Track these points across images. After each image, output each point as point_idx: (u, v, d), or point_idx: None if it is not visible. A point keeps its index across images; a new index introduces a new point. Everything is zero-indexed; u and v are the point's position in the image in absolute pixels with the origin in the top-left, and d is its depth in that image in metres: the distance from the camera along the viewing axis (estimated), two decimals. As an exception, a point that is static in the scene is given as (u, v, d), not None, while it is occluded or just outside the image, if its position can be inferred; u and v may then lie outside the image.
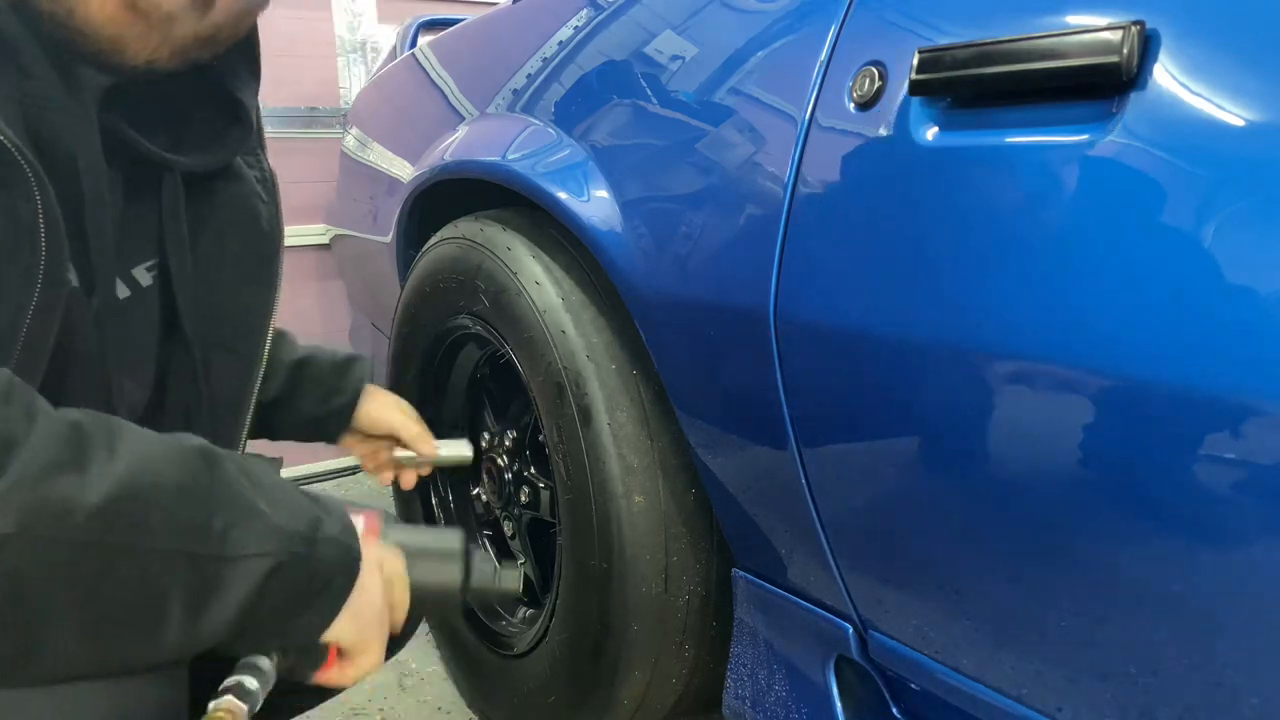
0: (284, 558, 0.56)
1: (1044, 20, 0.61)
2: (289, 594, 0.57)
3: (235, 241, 0.81)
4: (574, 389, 1.01)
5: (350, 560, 0.62)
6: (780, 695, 0.93)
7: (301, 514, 0.59)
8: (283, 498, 0.59)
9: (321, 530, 0.60)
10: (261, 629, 0.57)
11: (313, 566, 0.58)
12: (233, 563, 0.54)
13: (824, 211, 0.74)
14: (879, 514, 0.77)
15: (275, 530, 0.56)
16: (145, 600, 0.51)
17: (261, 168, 0.84)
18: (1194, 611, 0.57)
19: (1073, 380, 0.58)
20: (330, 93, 2.43)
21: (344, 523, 0.63)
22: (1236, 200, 0.52)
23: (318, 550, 0.59)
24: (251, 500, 0.56)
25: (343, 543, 0.61)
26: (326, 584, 0.60)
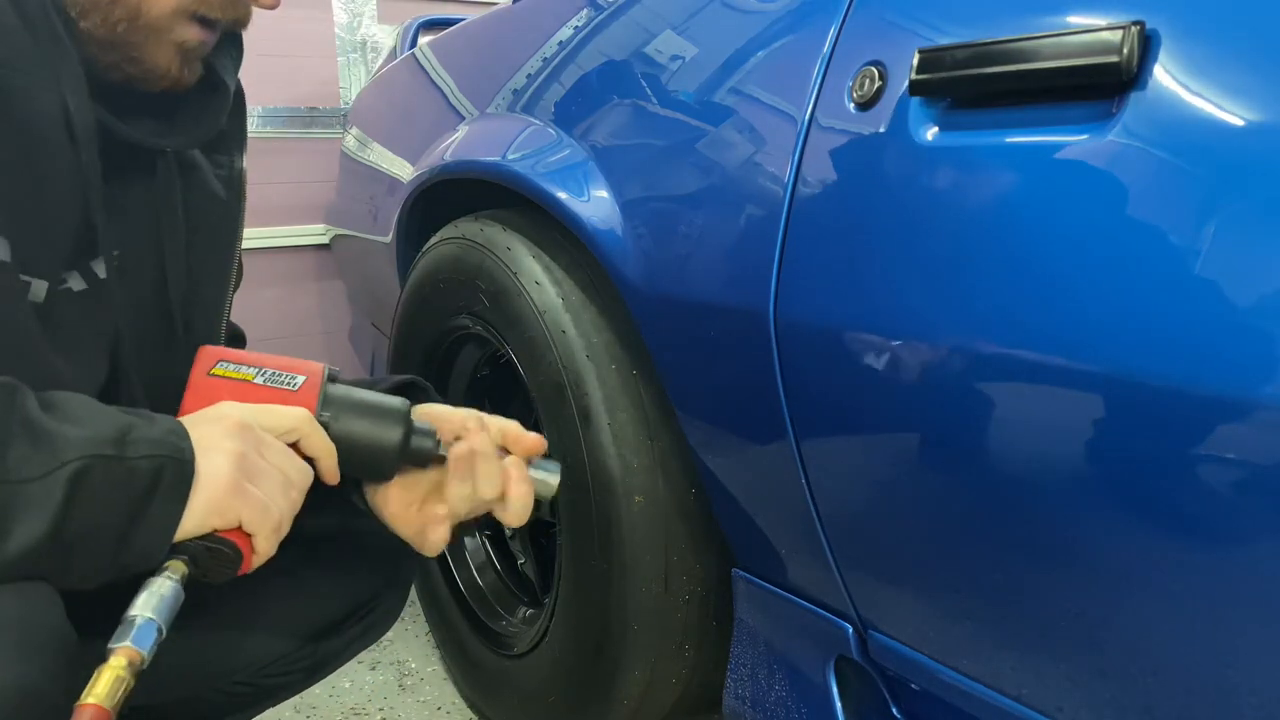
0: (87, 462, 0.54)
1: (1044, 20, 0.61)
2: (108, 499, 0.55)
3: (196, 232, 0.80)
4: (574, 389, 1.01)
5: (176, 451, 0.58)
6: (780, 695, 0.93)
7: (110, 424, 0.57)
8: (90, 416, 0.57)
9: (134, 433, 0.57)
10: (94, 541, 0.55)
11: (128, 466, 0.56)
12: (30, 484, 0.52)
13: (824, 211, 0.74)
14: (879, 514, 0.77)
15: (76, 440, 0.55)
16: None
17: (231, 166, 0.84)
18: (1194, 611, 0.57)
19: (1073, 380, 0.58)
20: (330, 93, 2.43)
21: (168, 425, 0.60)
22: (1237, 200, 0.52)
23: (129, 449, 0.56)
24: (48, 425, 0.55)
25: (164, 440, 0.58)
26: (153, 480, 0.57)
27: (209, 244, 0.82)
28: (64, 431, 0.55)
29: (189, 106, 0.77)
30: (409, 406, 0.75)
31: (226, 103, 0.80)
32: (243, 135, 0.86)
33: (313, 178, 2.33)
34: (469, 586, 1.37)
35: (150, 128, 0.74)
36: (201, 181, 0.81)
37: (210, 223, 0.82)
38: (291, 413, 0.68)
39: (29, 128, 0.62)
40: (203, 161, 0.81)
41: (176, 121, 0.76)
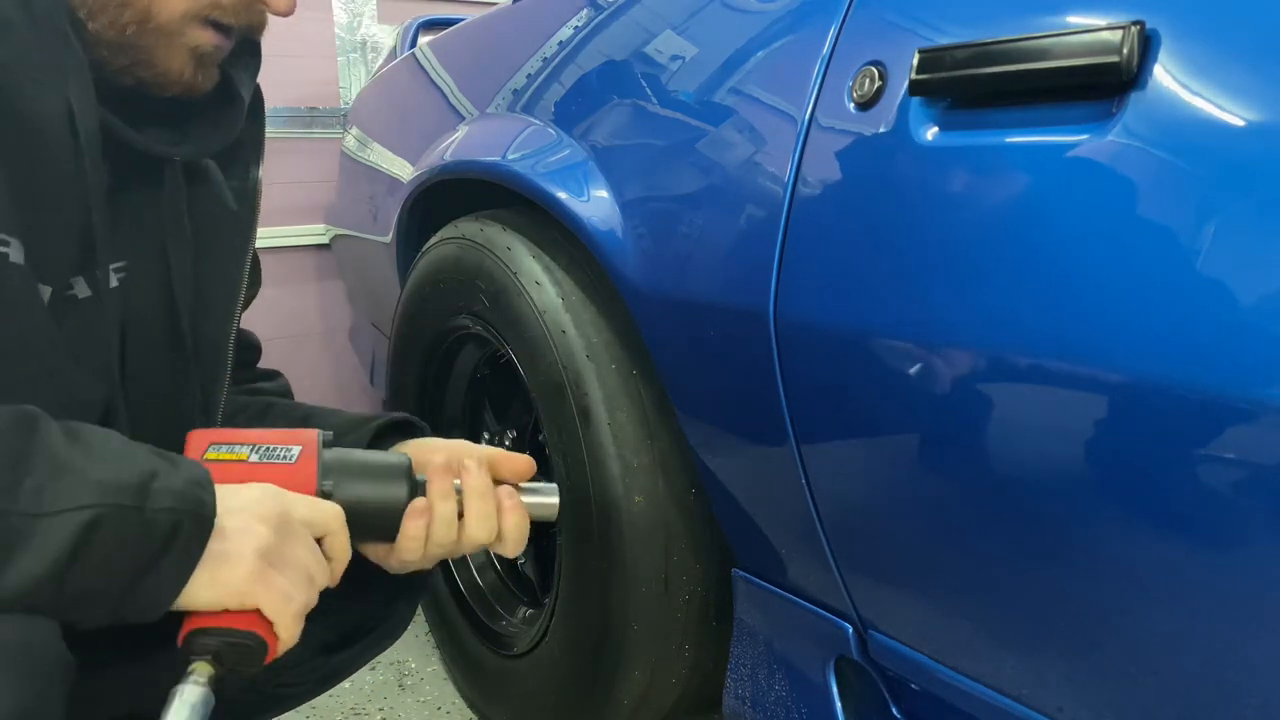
0: (104, 510, 0.52)
1: (1044, 20, 0.61)
2: (117, 550, 0.53)
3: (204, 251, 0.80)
4: (574, 389, 1.01)
5: (197, 509, 0.56)
6: (780, 695, 0.93)
7: (133, 468, 0.55)
8: (114, 456, 0.55)
9: (157, 482, 0.55)
10: (96, 591, 0.54)
11: (146, 518, 0.54)
12: (42, 518, 0.51)
13: (824, 211, 0.74)
14: (879, 514, 0.77)
15: (95, 484, 0.52)
16: None
17: (245, 176, 0.82)
18: (1194, 611, 0.57)
19: (1073, 380, 0.58)
20: (330, 93, 2.43)
21: (192, 475, 0.58)
22: (1237, 200, 0.52)
23: (150, 502, 0.54)
24: (70, 459, 0.53)
25: (187, 493, 0.56)
26: (169, 535, 0.55)
27: (219, 255, 0.81)
28: (86, 471, 0.53)
29: (203, 116, 0.76)
30: (409, 462, 0.74)
31: (241, 113, 0.79)
32: (260, 145, 0.84)
33: (313, 178, 2.33)
34: (469, 586, 1.37)
35: (160, 136, 0.73)
36: (213, 192, 0.80)
37: (221, 234, 0.81)
38: (327, 510, 0.67)
39: (33, 129, 0.62)
40: (216, 172, 0.80)
41: (189, 131, 0.75)
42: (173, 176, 0.76)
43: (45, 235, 0.64)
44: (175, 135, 0.74)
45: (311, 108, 2.37)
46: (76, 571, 0.52)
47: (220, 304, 0.82)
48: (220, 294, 0.82)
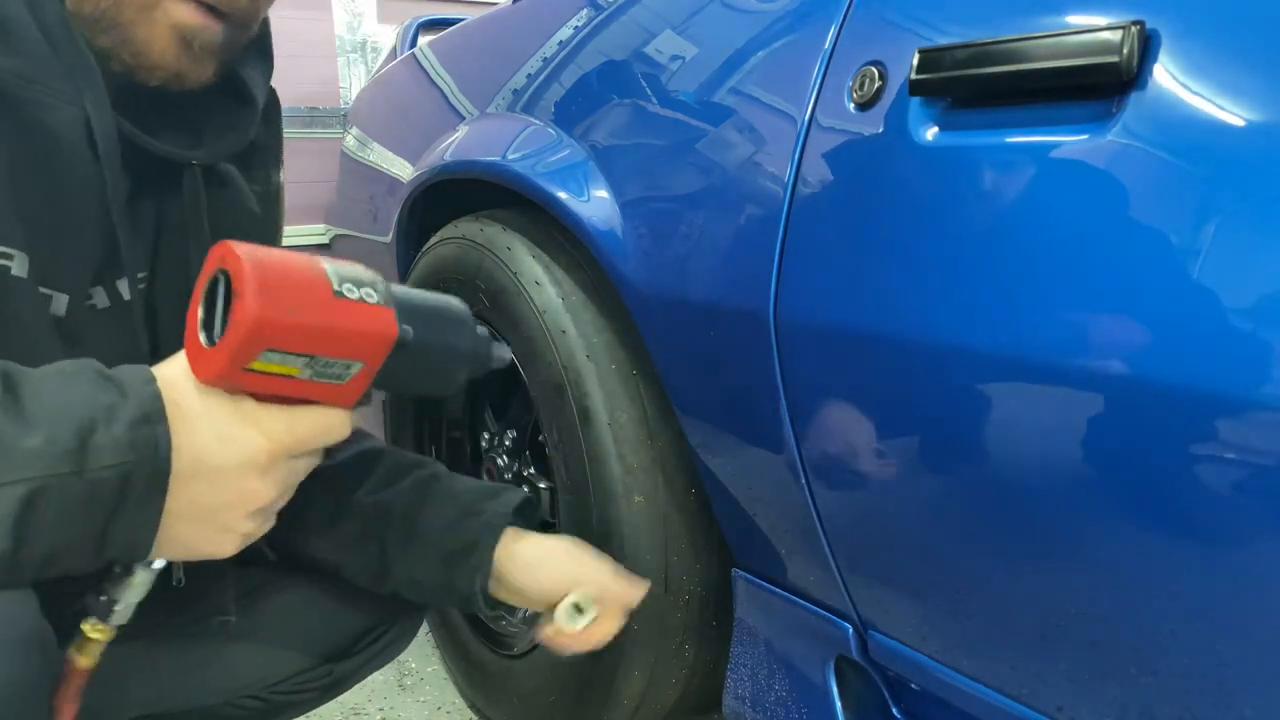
0: (39, 482, 0.49)
1: (1044, 20, 0.61)
2: (65, 516, 0.50)
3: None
4: (574, 389, 1.01)
5: (147, 448, 0.52)
6: (780, 695, 0.93)
7: (69, 423, 0.50)
8: (51, 409, 0.51)
9: (97, 435, 0.51)
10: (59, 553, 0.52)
11: (88, 479, 0.50)
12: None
13: (824, 211, 0.74)
14: (879, 514, 0.77)
15: (26, 454, 0.49)
16: None
17: (267, 180, 0.82)
18: (1194, 611, 0.57)
19: (1072, 380, 0.58)
20: (330, 93, 2.43)
21: (140, 411, 0.52)
22: (1236, 200, 0.52)
23: (91, 461, 0.50)
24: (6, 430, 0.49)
25: (133, 440, 0.51)
26: (120, 492, 0.51)
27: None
28: (17, 440, 0.49)
29: (216, 119, 0.76)
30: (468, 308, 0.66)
31: (255, 115, 0.78)
32: (279, 148, 0.84)
33: (313, 178, 2.33)
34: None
35: (177, 140, 0.72)
36: (236, 197, 0.79)
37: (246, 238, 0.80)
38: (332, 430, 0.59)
39: (52, 140, 0.62)
40: (237, 177, 0.79)
41: (205, 134, 0.75)
42: (192, 180, 0.75)
43: (63, 246, 0.64)
44: (191, 139, 0.74)
45: (311, 108, 2.37)
46: (27, 543, 0.50)
47: None
48: None
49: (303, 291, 0.54)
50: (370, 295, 0.57)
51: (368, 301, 0.56)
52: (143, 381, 0.54)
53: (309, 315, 0.54)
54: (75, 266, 0.66)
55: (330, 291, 0.55)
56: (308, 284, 0.54)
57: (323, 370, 0.56)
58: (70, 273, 0.65)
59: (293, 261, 0.55)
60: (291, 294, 0.53)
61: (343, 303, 0.55)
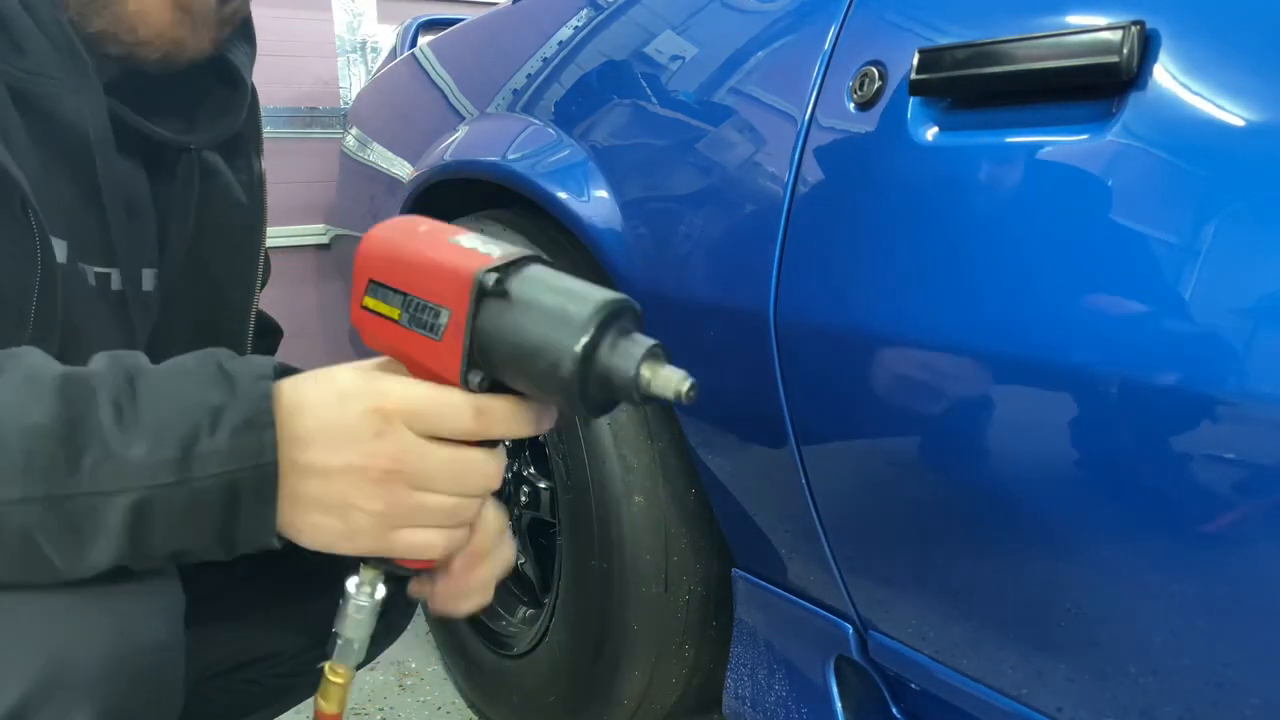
0: (145, 493, 0.50)
1: (1044, 20, 0.61)
2: (177, 523, 0.51)
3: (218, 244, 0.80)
4: (574, 389, 1.01)
5: (253, 457, 0.51)
6: (780, 695, 0.93)
7: (174, 432, 0.50)
8: (157, 417, 0.51)
9: (201, 444, 0.50)
10: (183, 552, 0.52)
11: (193, 489, 0.50)
12: (99, 497, 0.49)
13: (824, 211, 0.74)
14: (879, 514, 0.77)
15: (133, 465, 0.50)
16: (20, 547, 0.49)
17: (250, 170, 0.83)
18: (1194, 611, 0.57)
19: (1072, 380, 0.58)
20: (330, 93, 2.43)
21: (247, 414, 0.51)
22: (1236, 200, 0.52)
23: (195, 471, 0.50)
24: (112, 435, 0.50)
25: (237, 448, 0.51)
26: (229, 499, 0.51)
27: (235, 249, 0.82)
28: (124, 449, 0.50)
29: (209, 104, 0.77)
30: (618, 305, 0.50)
31: (246, 99, 0.79)
32: (259, 136, 0.85)
33: (313, 178, 2.33)
34: (469, 586, 1.37)
35: (172, 126, 0.74)
36: (225, 186, 0.81)
37: (235, 227, 0.82)
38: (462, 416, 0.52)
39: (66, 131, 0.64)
40: (223, 166, 0.81)
41: (197, 120, 0.77)
42: (188, 166, 0.77)
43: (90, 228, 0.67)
44: (185, 125, 0.76)
45: (311, 108, 2.37)
46: (147, 547, 0.51)
47: (238, 298, 0.82)
48: (237, 288, 0.82)
49: (410, 229, 0.52)
50: (485, 245, 0.50)
51: (469, 246, 0.50)
52: (256, 377, 0.53)
53: (402, 247, 0.51)
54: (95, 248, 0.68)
55: (438, 234, 0.52)
56: (425, 228, 0.52)
57: (416, 315, 0.51)
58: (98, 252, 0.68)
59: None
60: (399, 229, 0.53)
61: (439, 241, 0.51)
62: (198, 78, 0.76)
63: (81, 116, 0.65)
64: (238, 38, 0.79)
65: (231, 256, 0.82)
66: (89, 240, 0.68)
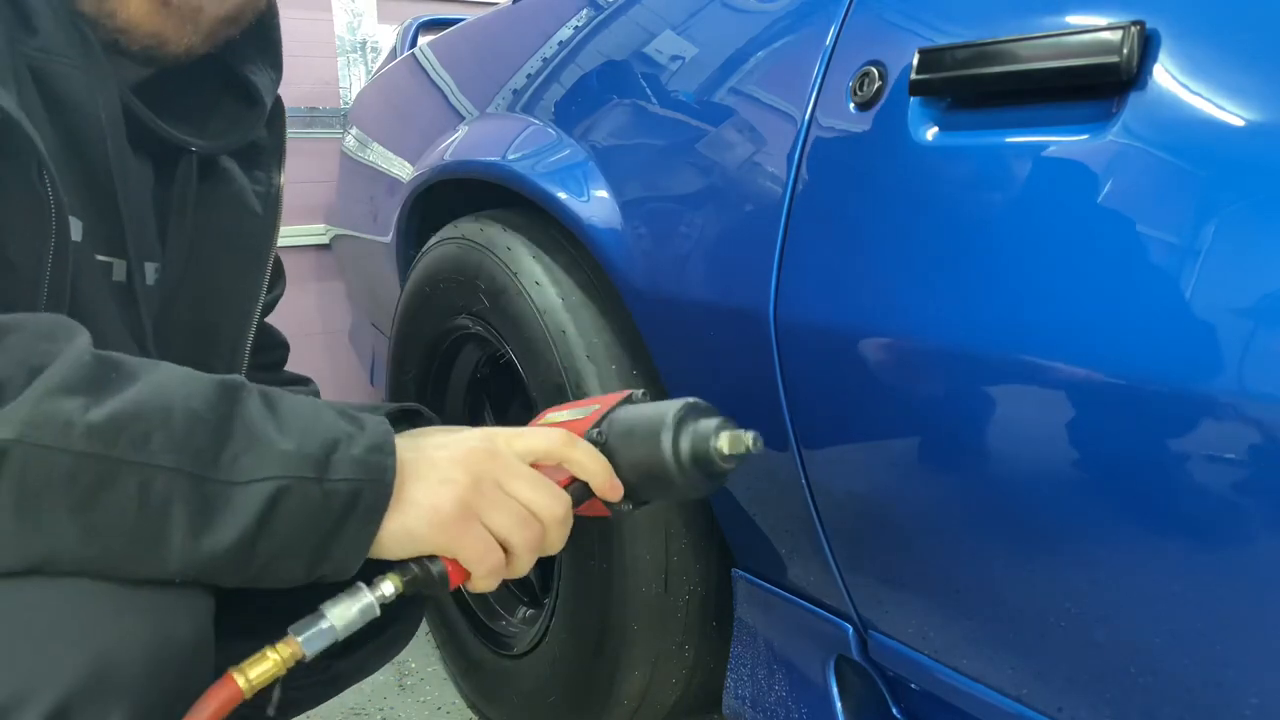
0: (287, 482, 0.54)
1: (1044, 20, 0.61)
2: (300, 519, 0.55)
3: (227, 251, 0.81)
4: (574, 389, 1.01)
5: (377, 472, 0.57)
6: (780, 695, 0.93)
7: (317, 438, 0.57)
8: (302, 424, 0.57)
9: (338, 452, 0.57)
10: (285, 555, 0.56)
11: (325, 489, 0.56)
12: (235, 487, 0.53)
13: (824, 211, 0.74)
14: (879, 514, 0.77)
15: (280, 456, 0.55)
16: (146, 513, 0.51)
17: (269, 182, 0.84)
18: (1194, 611, 0.57)
19: (1072, 380, 0.58)
20: (330, 93, 2.43)
21: (375, 441, 0.58)
22: (1236, 200, 0.52)
23: (330, 473, 0.56)
24: (264, 430, 0.55)
25: (367, 461, 0.57)
26: (348, 506, 0.56)
27: (240, 257, 0.82)
28: (275, 442, 0.55)
29: (221, 116, 0.78)
30: (685, 408, 0.67)
31: (262, 117, 0.81)
32: (282, 152, 0.86)
33: (313, 178, 2.33)
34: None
35: (181, 129, 0.75)
36: (237, 193, 0.81)
37: (243, 236, 0.82)
38: (543, 434, 0.65)
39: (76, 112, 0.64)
40: (240, 175, 0.82)
41: (207, 128, 0.77)
42: (186, 167, 0.77)
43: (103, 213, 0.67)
44: (195, 130, 0.76)
45: (311, 108, 2.37)
46: (265, 539, 0.54)
47: (238, 305, 0.82)
48: (239, 295, 0.83)
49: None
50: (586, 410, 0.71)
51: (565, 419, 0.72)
52: (377, 420, 0.60)
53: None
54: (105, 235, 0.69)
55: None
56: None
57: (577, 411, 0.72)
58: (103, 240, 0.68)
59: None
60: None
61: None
62: (211, 90, 0.77)
63: (93, 97, 0.65)
64: (262, 61, 0.80)
65: (237, 263, 0.82)
66: (96, 227, 0.68)
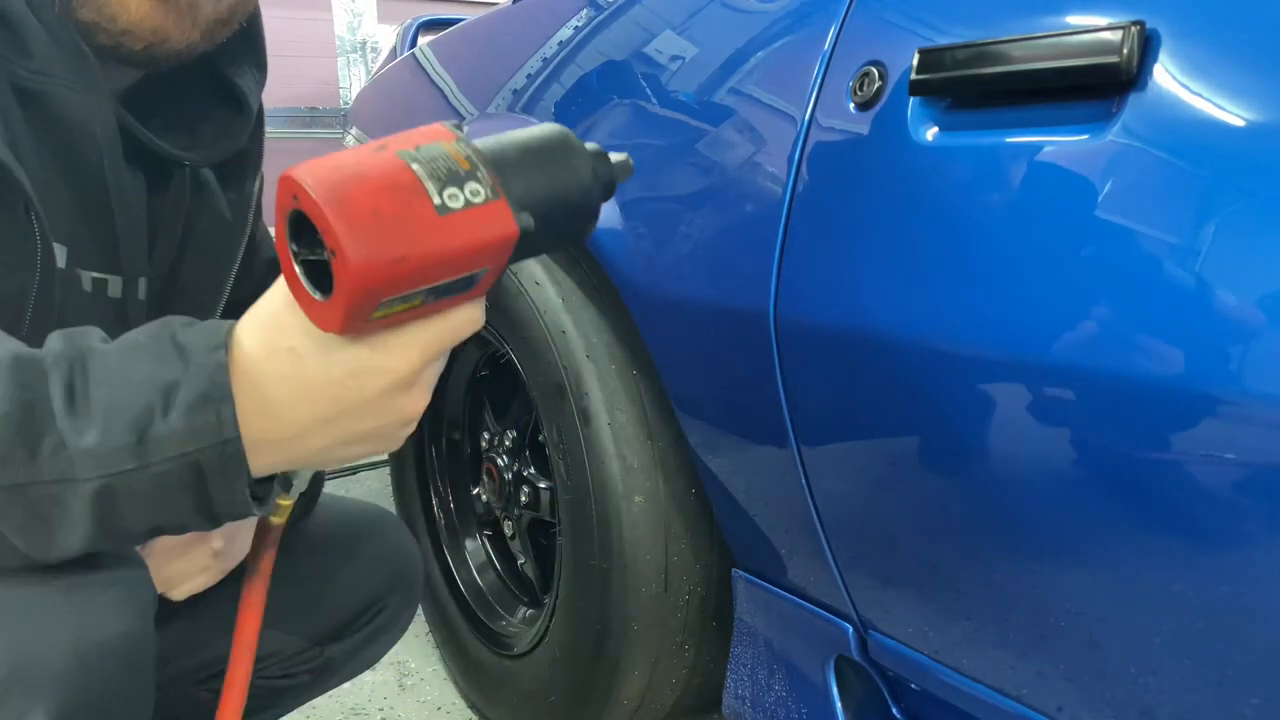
0: (104, 480, 0.48)
1: (1044, 20, 0.61)
2: (144, 505, 0.50)
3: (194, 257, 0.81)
4: (574, 389, 1.01)
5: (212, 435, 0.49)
6: (780, 695, 0.93)
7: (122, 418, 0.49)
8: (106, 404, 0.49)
9: (154, 427, 0.49)
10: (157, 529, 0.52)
11: (154, 473, 0.49)
12: (63, 484, 0.48)
13: (824, 211, 0.74)
14: (879, 514, 0.77)
15: (86, 454, 0.48)
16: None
17: (241, 189, 0.83)
18: (1194, 611, 0.57)
19: (1072, 380, 0.58)
20: (330, 93, 2.43)
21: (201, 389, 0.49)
22: (1236, 200, 0.52)
23: (152, 455, 0.49)
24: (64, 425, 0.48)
25: (195, 428, 0.49)
26: (195, 478, 0.50)
27: (209, 261, 0.82)
28: (77, 442, 0.49)
29: (211, 124, 0.78)
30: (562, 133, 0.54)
31: (250, 123, 0.81)
32: (259, 159, 0.85)
33: (313, 178, 2.33)
34: (469, 586, 1.37)
35: (174, 141, 0.74)
36: (210, 201, 0.81)
37: (214, 242, 0.82)
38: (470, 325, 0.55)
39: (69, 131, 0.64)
40: (212, 181, 0.81)
41: (199, 138, 0.77)
42: (180, 181, 0.77)
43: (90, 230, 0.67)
44: (186, 141, 0.76)
45: (311, 108, 2.37)
46: (116, 535, 0.50)
47: (200, 305, 0.82)
48: (202, 297, 0.82)
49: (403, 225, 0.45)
50: (476, 194, 0.47)
51: (475, 203, 0.47)
52: (209, 349, 0.50)
53: (420, 252, 0.46)
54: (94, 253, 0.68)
55: (432, 210, 0.46)
56: (405, 210, 0.46)
57: (446, 289, 0.49)
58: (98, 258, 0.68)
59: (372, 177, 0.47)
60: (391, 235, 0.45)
61: (450, 220, 0.47)
62: (201, 97, 0.77)
63: (89, 117, 0.65)
64: (247, 62, 0.79)
65: (205, 270, 0.82)
66: (89, 245, 0.68)
